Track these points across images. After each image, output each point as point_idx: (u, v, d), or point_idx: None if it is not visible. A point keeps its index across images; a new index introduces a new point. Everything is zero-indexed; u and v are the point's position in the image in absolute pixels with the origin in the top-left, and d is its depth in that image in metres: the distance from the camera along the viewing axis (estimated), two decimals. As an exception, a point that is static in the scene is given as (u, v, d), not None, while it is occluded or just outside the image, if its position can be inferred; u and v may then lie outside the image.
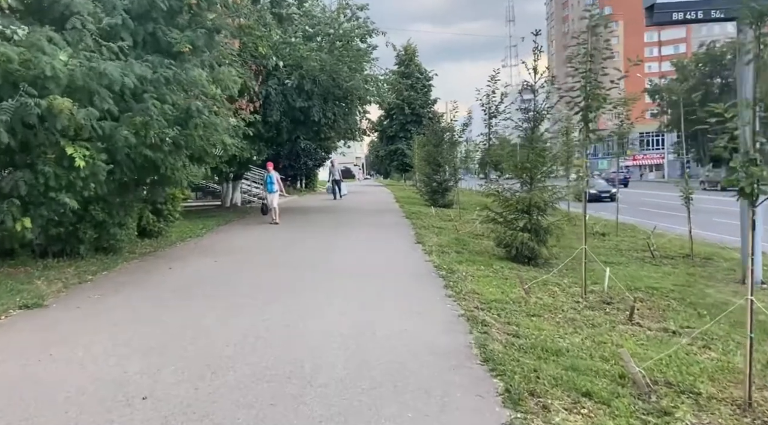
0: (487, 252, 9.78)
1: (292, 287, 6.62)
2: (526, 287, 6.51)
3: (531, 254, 8.93)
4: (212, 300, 5.98)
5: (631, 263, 9.93)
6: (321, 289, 6.48)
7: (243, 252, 9.45)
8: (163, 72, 6.16)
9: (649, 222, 16.33)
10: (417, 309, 5.50)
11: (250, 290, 6.45)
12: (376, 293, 6.21)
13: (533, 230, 8.91)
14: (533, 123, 8.98)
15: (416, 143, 34.37)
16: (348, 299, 5.96)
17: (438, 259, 8.30)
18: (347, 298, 6.02)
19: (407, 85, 39.99)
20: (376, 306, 5.64)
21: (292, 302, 5.83)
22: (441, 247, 9.63)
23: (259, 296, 6.11)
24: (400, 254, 8.95)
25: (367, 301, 5.87)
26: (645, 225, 15.64)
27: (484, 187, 9.56)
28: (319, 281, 6.89)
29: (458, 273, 7.41)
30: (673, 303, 6.78)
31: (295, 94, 14.38)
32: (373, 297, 6.03)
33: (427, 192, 21.12)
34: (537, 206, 8.91)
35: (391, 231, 12.09)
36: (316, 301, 5.93)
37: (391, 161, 47.06)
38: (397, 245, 9.87)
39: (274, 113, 14.11)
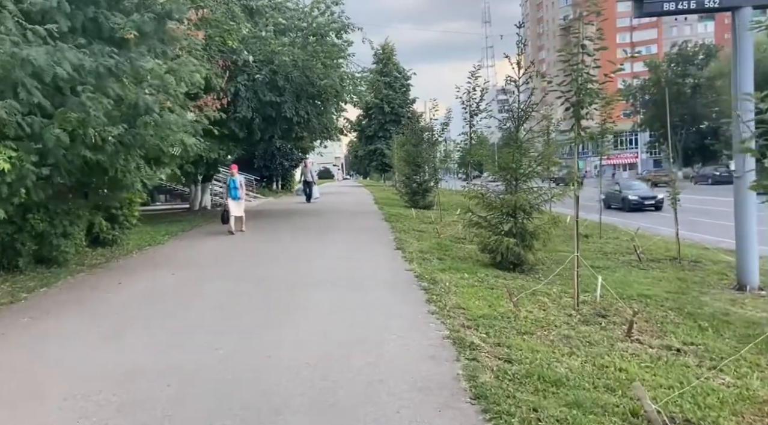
0: (470, 258, 9.20)
1: (257, 305, 5.90)
2: (514, 300, 5.92)
3: (517, 261, 8.37)
4: (159, 326, 5.23)
5: (618, 268, 9.46)
6: (289, 307, 5.78)
7: (205, 263, 8.67)
8: (103, 61, 5.39)
9: (629, 222, 16.03)
10: (397, 330, 4.84)
11: (206, 311, 5.72)
12: (352, 312, 5.53)
13: (519, 234, 8.35)
14: (517, 121, 8.42)
15: (395, 143, 33.82)
16: (319, 320, 5.27)
17: (419, 267, 7.67)
18: (318, 318, 5.33)
19: (385, 84, 39.40)
20: (351, 327, 4.97)
21: (252, 326, 5.12)
22: (422, 253, 9.02)
23: (216, 319, 5.39)
24: (378, 262, 8.29)
25: (342, 321, 5.20)
26: (626, 225, 15.32)
27: (467, 188, 8.91)
28: (287, 297, 6.18)
29: (441, 284, 6.79)
30: (671, 314, 6.27)
31: (266, 90, 13.59)
32: (349, 316, 5.36)
33: (407, 193, 20.54)
34: (522, 208, 8.36)
35: (370, 236, 11.42)
36: (281, 322, 5.23)
37: (371, 161, 46.41)
38: (375, 252, 9.21)
39: (245, 110, 13.29)
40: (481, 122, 11.96)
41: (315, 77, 14.01)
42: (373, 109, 43.47)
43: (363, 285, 6.59)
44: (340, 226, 13.42)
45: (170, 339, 4.72)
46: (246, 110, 13.36)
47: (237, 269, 8.09)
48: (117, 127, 5.94)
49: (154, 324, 5.26)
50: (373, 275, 7.23)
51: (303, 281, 7.02)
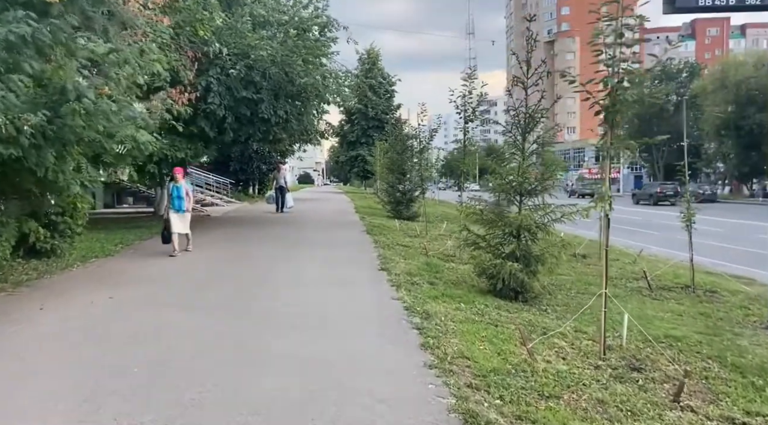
0: (464, 282, 8.06)
1: (203, 349, 4.61)
2: (529, 347, 4.78)
3: (520, 289, 7.26)
4: (72, 376, 3.94)
5: (628, 297, 8.41)
6: (244, 354, 4.51)
7: (155, 282, 7.33)
8: (14, 28, 4.12)
9: (619, 240, 15.11)
10: (386, 399, 3.63)
11: (139, 352, 4.43)
12: (325, 365, 4.28)
13: (522, 258, 7.25)
14: (524, 127, 7.34)
15: (378, 150, 32.71)
16: (281, 376, 4.03)
17: (408, 296, 6.49)
18: (279, 374, 4.08)
19: (370, 87, 38.31)
20: (322, 391, 3.75)
21: (191, 384, 3.85)
22: (410, 275, 7.84)
23: (147, 366, 4.11)
24: (360, 287, 7.06)
25: (310, 381, 3.95)
26: (619, 244, 14.39)
27: (463, 202, 7.78)
28: (244, 339, 4.89)
29: (436, 319, 5.62)
30: (714, 367, 5.19)
31: (240, 87, 12.32)
32: (320, 373, 4.12)
33: (390, 203, 19.38)
34: (527, 228, 7.26)
35: (351, 252, 10.19)
36: (231, 379, 3.97)
37: (352, 168, 45.20)
38: (356, 274, 7.98)
39: (216, 107, 11.99)
40: (476, 129, 10.88)
41: (295, 75, 12.81)
42: (356, 114, 42.41)
43: (341, 322, 5.35)
44: (317, 239, 12.16)
45: (75, 408, 3.44)
46: (217, 107, 12.07)
47: (191, 291, 6.77)
48: (36, 114, 4.65)
49: (65, 374, 3.96)
50: (353, 308, 5.99)
51: (267, 312, 5.75)
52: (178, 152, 12.11)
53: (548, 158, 7.42)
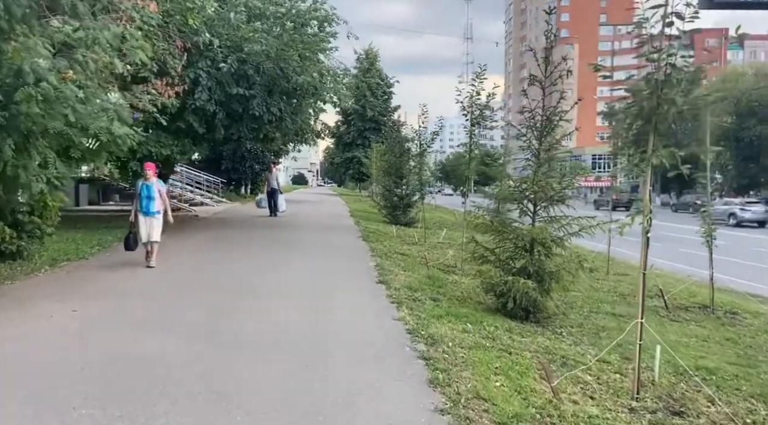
0: (470, 298, 7.39)
1: (168, 380, 3.87)
2: (553, 385, 4.10)
3: (532, 308, 6.59)
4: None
5: (646, 318, 7.76)
6: (211, 395, 3.77)
7: (126, 294, 6.56)
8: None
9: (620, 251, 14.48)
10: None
11: (76, 392, 3.70)
12: (312, 410, 3.55)
13: (535, 274, 6.58)
14: (541, 131, 6.69)
15: (375, 152, 32.03)
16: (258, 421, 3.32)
17: (411, 316, 5.79)
18: (257, 419, 3.37)
19: (367, 89, 37.68)
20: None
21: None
22: (411, 290, 7.15)
23: (79, 415, 3.38)
24: (356, 304, 6.35)
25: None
26: (621, 256, 13.78)
27: (473, 212, 7.11)
28: (214, 372, 4.13)
29: (443, 345, 4.94)
30: (759, 409, 4.55)
31: (232, 81, 11.60)
32: (307, 418, 3.41)
33: (387, 207, 18.70)
34: (542, 242, 6.59)
35: (346, 261, 9.49)
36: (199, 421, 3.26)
37: (347, 169, 44.47)
38: (352, 288, 7.28)
39: (205, 102, 11.25)
40: (484, 132, 10.23)
41: (290, 71, 12.10)
42: (353, 115, 41.72)
43: (334, 353, 4.62)
44: (310, 245, 11.44)
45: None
46: (206, 102, 11.33)
47: (165, 305, 6.00)
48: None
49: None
50: (349, 330, 5.26)
51: (249, 334, 5.02)
52: (164, 149, 11.37)
53: (574, 164, 6.73)
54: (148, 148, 11.08)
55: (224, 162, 28.38)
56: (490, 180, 35.99)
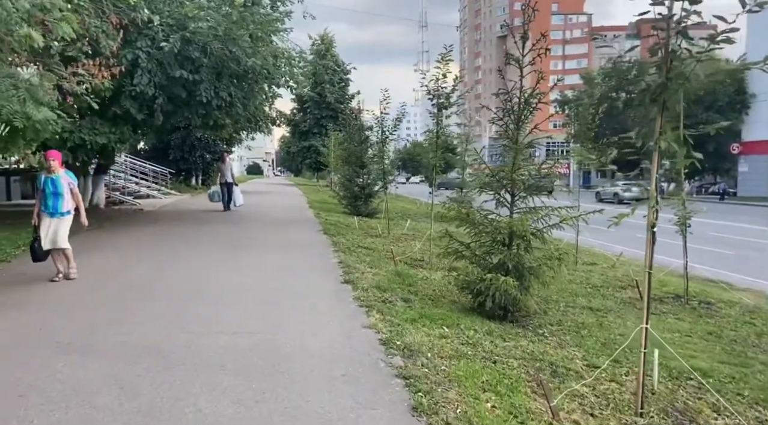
0: (443, 297, 6.83)
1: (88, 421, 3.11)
2: (552, 406, 3.57)
3: (512, 307, 6.09)
4: None
5: (622, 312, 7.46)
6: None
7: (47, 302, 5.62)
8: None
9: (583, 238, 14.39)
10: None
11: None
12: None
13: (514, 270, 6.08)
14: (518, 115, 6.15)
15: (332, 140, 31.14)
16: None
17: (382, 322, 5.16)
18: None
19: (324, 75, 36.56)
20: None
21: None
22: (381, 290, 6.52)
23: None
24: (320, 310, 5.63)
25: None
26: (586, 244, 13.64)
27: (448, 204, 6.50)
28: (155, 398, 3.42)
29: (422, 357, 4.34)
30: (765, 414, 4.19)
31: (175, 63, 10.53)
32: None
33: (347, 198, 17.97)
34: (521, 235, 6.08)
35: (306, 258, 8.75)
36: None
37: (304, 159, 43.30)
38: (315, 289, 6.56)
39: (144, 85, 10.15)
40: (449, 118, 9.66)
41: (241, 52, 11.12)
42: (309, 102, 40.58)
43: (296, 372, 3.92)
44: (266, 240, 10.60)
45: None
46: (146, 85, 10.23)
47: (87, 318, 5.10)
48: None
49: None
50: (313, 343, 4.56)
51: (196, 354, 4.26)
52: (99, 137, 10.21)
53: (553, 158, 6.24)
54: (81, 136, 9.92)
55: (172, 152, 26.84)
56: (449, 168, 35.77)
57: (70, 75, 7.81)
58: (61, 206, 6.68)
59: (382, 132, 13.29)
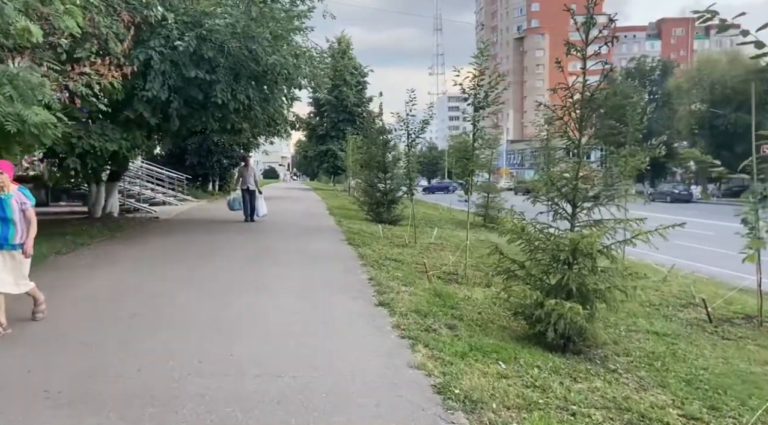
0: (491, 322, 5.99)
1: None
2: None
3: (577, 337, 5.24)
4: None
5: (693, 336, 6.54)
6: None
7: (27, 338, 4.87)
8: None
9: (632, 249, 13.38)
10: None
11: None
12: None
13: (578, 293, 5.22)
14: (583, 113, 5.32)
15: (350, 144, 30.46)
16: None
17: (431, 360, 4.34)
18: None
19: (341, 78, 35.92)
20: None
21: None
22: (421, 315, 5.70)
23: None
24: (355, 344, 4.78)
25: None
26: (633, 254, 12.61)
27: (505, 217, 5.60)
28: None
29: (486, 410, 3.53)
30: None
31: (190, 63, 9.87)
32: None
33: (368, 203, 17.20)
34: (586, 252, 5.22)
35: (332, 273, 7.97)
36: None
37: (321, 163, 42.72)
38: (346, 315, 5.76)
39: (157, 88, 9.50)
40: (486, 119, 8.83)
41: (260, 51, 10.43)
42: (326, 106, 40.00)
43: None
44: (286, 253, 9.85)
45: None
46: (159, 88, 9.58)
47: (83, 364, 4.40)
48: None
49: None
50: (352, 392, 3.71)
51: (205, 410, 3.49)
52: (110, 143, 9.57)
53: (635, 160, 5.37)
54: (90, 142, 9.29)
55: (189, 157, 26.36)
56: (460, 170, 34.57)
57: (77, 75, 7.16)
58: (12, 236, 4.82)
59: (407, 135, 12.49)
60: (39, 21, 6.61)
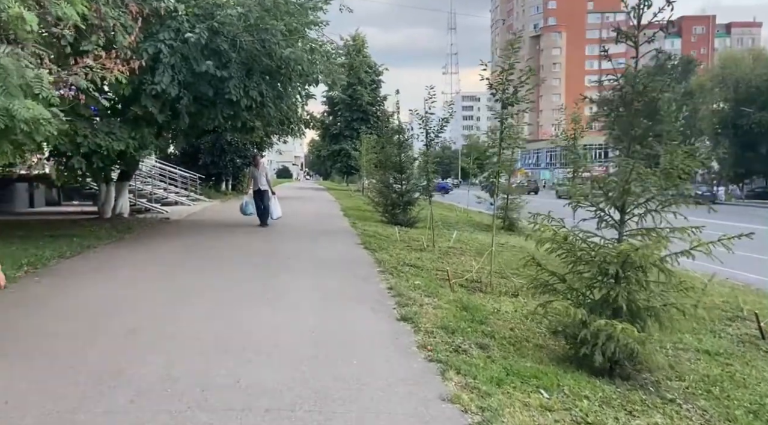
0: (525, 340, 5.39)
1: None
2: None
3: (628, 362, 4.64)
4: None
5: (746, 355, 5.89)
6: None
7: (14, 355, 4.38)
8: None
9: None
10: None
11: None
12: None
13: (628, 312, 4.63)
14: (636, 109, 4.72)
15: (364, 144, 29.96)
16: None
17: (465, 390, 3.79)
18: None
19: (360, 72, 35.38)
20: None
21: None
22: (448, 332, 5.14)
23: None
24: (378, 369, 4.19)
25: None
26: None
27: (543, 224, 4.95)
28: None
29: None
30: None
31: (201, 58, 9.41)
32: None
33: (383, 204, 16.65)
34: (639, 266, 4.62)
35: (349, 283, 7.43)
36: None
37: (335, 162, 42.29)
38: (366, 332, 5.21)
39: (167, 83, 9.04)
40: (514, 117, 8.22)
41: (274, 45, 9.93)
42: (340, 104, 39.55)
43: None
44: (299, 258, 9.33)
45: None
46: (169, 83, 9.12)
47: (70, 392, 3.91)
48: None
49: None
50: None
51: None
52: (117, 142, 9.13)
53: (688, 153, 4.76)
54: (96, 141, 8.86)
55: (202, 156, 26.05)
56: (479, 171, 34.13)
57: (80, 68, 6.71)
58: None
59: (426, 134, 11.91)
60: (36, 10, 6.18)
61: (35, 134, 4.81)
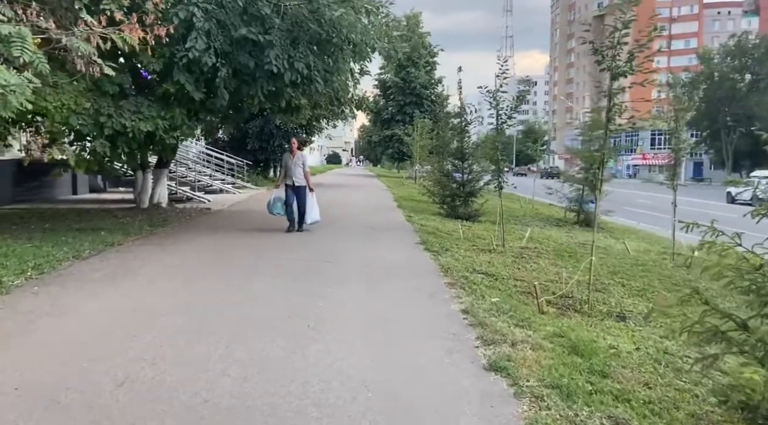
0: (676, 408, 3.69)
1: None
2: None
3: None
4: None
5: None
6: None
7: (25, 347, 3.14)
8: None
9: None
10: None
11: None
12: None
13: None
14: None
15: (418, 129, 28.30)
16: None
17: None
18: None
19: (419, 50, 33.48)
20: None
21: None
22: (563, 397, 3.52)
23: None
24: None
25: None
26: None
27: (717, 245, 3.19)
28: None
29: None
30: None
31: (239, 22, 8.04)
32: None
33: (441, 195, 15.04)
34: None
35: (410, 302, 5.87)
36: None
37: (386, 148, 40.78)
38: (440, 390, 3.64)
39: (201, 51, 7.71)
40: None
41: (323, 7, 8.42)
42: (392, 88, 37.89)
43: None
44: (349, 262, 7.86)
45: None
46: (204, 51, 7.80)
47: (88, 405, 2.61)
48: None
49: None
50: None
51: None
52: (143, 122, 7.93)
53: None
54: (121, 121, 7.70)
55: (250, 141, 25.13)
56: (530, 160, 32.76)
57: (82, 29, 5.44)
58: None
59: (497, 115, 10.14)
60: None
61: (1, 108, 3.54)
